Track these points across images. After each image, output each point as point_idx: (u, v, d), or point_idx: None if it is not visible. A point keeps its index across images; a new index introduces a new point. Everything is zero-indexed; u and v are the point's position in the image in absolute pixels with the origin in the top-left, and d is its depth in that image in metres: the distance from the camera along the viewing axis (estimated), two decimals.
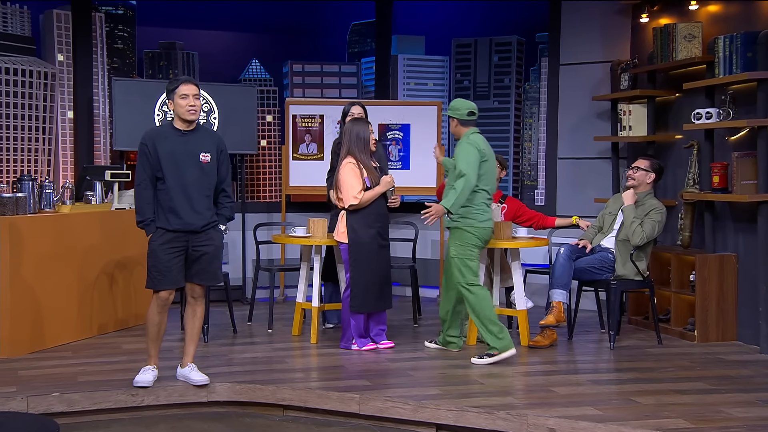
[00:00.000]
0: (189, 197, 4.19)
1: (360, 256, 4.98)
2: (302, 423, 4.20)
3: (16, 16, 6.87)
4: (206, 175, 4.25)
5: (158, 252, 4.18)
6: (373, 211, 5.02)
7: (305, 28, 8.48)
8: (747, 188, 5.14)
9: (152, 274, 4.21)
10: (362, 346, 5.11)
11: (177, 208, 4.17)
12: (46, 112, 6.95)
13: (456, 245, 4.87)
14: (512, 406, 3.93)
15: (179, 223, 4.18)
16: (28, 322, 4.97)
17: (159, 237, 4.19)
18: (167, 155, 4.17)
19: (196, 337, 4.42)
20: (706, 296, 5.43)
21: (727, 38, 5.30)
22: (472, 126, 4.92)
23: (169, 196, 4.17)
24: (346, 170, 4.95)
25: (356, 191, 4.91)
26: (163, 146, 4.17)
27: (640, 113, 6.26)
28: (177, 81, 4.22)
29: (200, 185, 4.23)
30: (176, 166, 4.17)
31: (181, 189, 4.18)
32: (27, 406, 4.02)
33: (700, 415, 3.81)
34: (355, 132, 5.01)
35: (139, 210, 4.21)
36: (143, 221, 4.21)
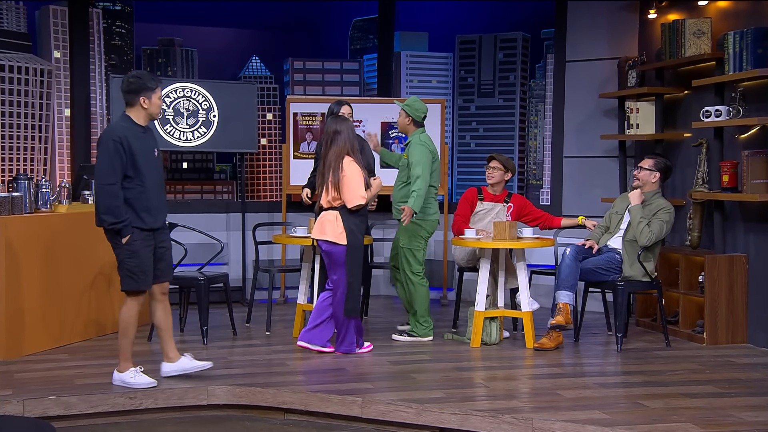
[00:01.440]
0: (159, 194, 4.29)
1: (356, 260, 4.89)
2: (303, 427, 4.16)
3: (12, 12, 6.83)
4: (160, 171, 4.38)
5: (141, 252, 4.19)
6: (364, 212, 4.97)
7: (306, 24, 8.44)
8: (757, 187, 5.09)
9: (136, 275, 4.19)
10: (362, 347, 5.05)
11: (151, 206, 4.20)
12: (43, 110, 6.91)
13: (406, 237, 5.34)
14: (517, 410, 3.89)
15: (154, 222, 4.23)
16: (24, 323, 4.93)
17: (137, 237, 4.18)
18: (140, 152, 4.18)
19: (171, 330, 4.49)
20: (716, 298, 5.37)
21: (737, 34, 5.24)
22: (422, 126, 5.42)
23: (146, 195, 4.18)
24: (351, 169, 4.83)
25: (363, 191, 4.83)
26: (135, 144, 4.17)
27: (648, 111, 6.21)
28: (157, 80, 4.28)
29: (162, 181, 4.37)
30: (148, 164, 4.21)
31: (155, 187, 4.25)
32: (23, 409, 3.98)
33: (709, 419, 3.77)
34: (351, 131, 4.90)
35: (114, 211, 4.11)
36: (121, 222, 4.13)
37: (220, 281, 5.53)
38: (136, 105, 4.21)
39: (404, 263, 5.36)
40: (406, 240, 5.34)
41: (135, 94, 4.19)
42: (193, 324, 5.62)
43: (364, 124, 6.93)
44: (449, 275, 7.16)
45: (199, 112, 6.73)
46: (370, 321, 6.09)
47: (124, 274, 4.20)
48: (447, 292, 7.15)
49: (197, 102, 6.73)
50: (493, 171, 5.67)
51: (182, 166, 8.25)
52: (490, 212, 5.66)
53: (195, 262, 5.86)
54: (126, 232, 4.14)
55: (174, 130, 6.66)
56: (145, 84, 4.20)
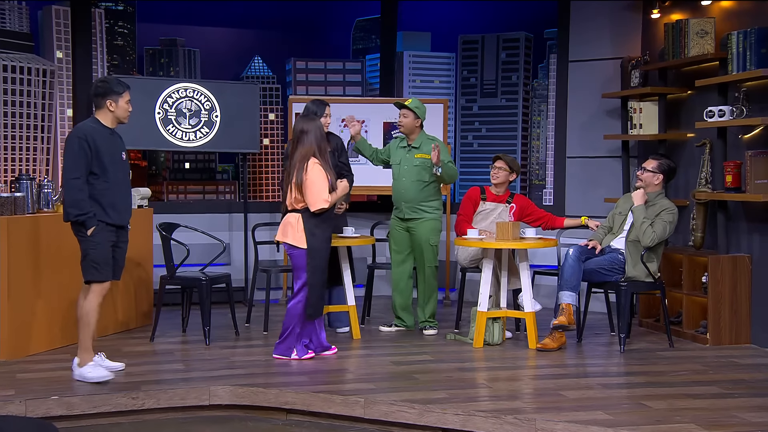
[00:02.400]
0: (125, 193, 4.49)
1: (318, 262, 4.80)
2: (306, 427, 4.15)
3: (15, 12, 6.83)
4: (127, 173, 4.58)
5: (104, 244, 4.37)
6: (329, 214, 4.86)
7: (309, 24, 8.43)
8: (761, 188, 5.07)
9: (100, 266, 4.36)
10: (302, 355, 4.91)
11: (117, 203, 4.39)
12: (45, 110, 6.91)
13: (434, 234, 5.65)
14: (520, 411, 3.88)
15: (119, 219, 4.42)
16: (27, 324, 4.93)
17: (101, 230, 4.35)
18: (106, 152, 4.36)
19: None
20: (719, 298, 5.35)
21: (741, 34, 5.22)
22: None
23: (111, 192, 4.37)
24: (316, 172, 4.71)
25: (326, 194, 4.72)
26: (101, 143, 4.35)
27: (651, 111, 6.19)
28: (123, 85, 4.47)
29: (126, 182, 4.55)
30: (113, 164, 4.39)
31: (120, 186, 4.42)
32: (25, 409, 3.97)
33: (713, 419, 3.76)
34: (319, 131, 4.80)
35: (79, 204, 4.29)
36: (85, 214, 4.31)
37: (222, 281, 5.53)
38: (103, 108, 4.42)
39: (430, 259, 5.61)
40: (436, 238, 5.64)
41: (102, 97, 4.41)
42: (196, 324, 5.62)
43: (367, 124, 6.92)
44: (452, 275, 7.15)
45: (201, 113, 6.72)
46: (372, 322, 6.08)
47: (88, 265, 4.37)
48: (450, 292, 7.14)
49: (199, 102, 6.72)
50: (499, 171, 5.66)
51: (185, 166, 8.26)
52: (493, 212, 5.66)
53: (197, 263, 5.86)
54: (90, 224, 4.31)
55: (176, 130, 6.66)
56: (112, 88, 4.42)
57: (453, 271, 7.11)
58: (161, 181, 8.42)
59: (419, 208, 5.59)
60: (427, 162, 5.50)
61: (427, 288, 5.68)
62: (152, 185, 7.99)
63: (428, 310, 5.71)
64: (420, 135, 5.62)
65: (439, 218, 5.66)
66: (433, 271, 5.65)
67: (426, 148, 5.55)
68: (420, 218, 5.58)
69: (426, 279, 5.67)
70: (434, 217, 5.61)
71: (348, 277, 5.43)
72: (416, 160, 5.60)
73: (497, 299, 5.49)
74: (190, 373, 4.54)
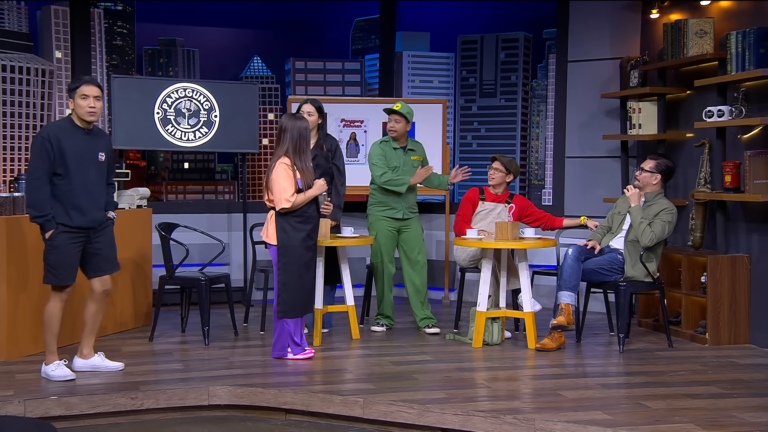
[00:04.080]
0: (92, 194, 4.36)
1: (290, 259, 4.80)
2: (305, 427, 4.15)
3: (13, 12, 6.82)
4: (101, 174, 4.44)
5: (63, 248, 4.30)
6: (304, 213, 4.83)
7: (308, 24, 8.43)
8: (760, 188, 5.07)
9: (57, 271, 4.31)
10: (297, 353, 4.90)
11: (82, 205, 4.31)
12: (44, 109, 6.91)
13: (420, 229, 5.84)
14: (519, 411, 3.88)
15: (84, 221, 4.33)
16: (26, 324, 4.92)
17: (61, 233, 4.29)
18: (72, 153, 4.28)
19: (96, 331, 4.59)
20: (718, 298, 5.35)
21: (740, 34, 5.23)
22: None
23: (74, 194, 4.29)
24: (278, 171, 4.74)
25: (288, 194, 4.72)
26: (67, 144, 4.27)
27: (650, 111, 6.20)
28: (79, 81, 4.36)
29: (98, 183, 4.42)
30: (81, 164, 4.30)
31: (85, 186, 4.32)
32: (24, 409, 3.97)
33: (712, 419, 3.76)
34: (297, 131, 4.80)
35: (38, 205, 4.25)
36: (43, 216, 4.26)
37: (221, 282, 5.53)
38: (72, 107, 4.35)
39: (423, 255, 5.79)
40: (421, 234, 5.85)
41: (69, 96, 4.35)
42: (195, 324, 5.62)
43: (366, 124, 6.92)
44: (451, 275, 7.15)
45: (200, 113, 6.72)
46: (371, 322, 6.08)
47: (45, 267, 4.34)
48: (449, 292, 7.14)
49: (198, 102, 6.72)
50: (495, 172, 5.66)
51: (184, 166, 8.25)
52: (492, 212, 5.66)
53: (196, 263, 5.85)
54: (47, 227, 4.26)
55: (175, 130, 6.65)
56: (69, 86, 4.36)
57: (452, 271, 7.11)
58: (160, 181, 8.42)
59: (414, 209, 5.83)
60: (417, 163, 5.77)
61: (422, 286, 5.75)
62: (151, 185, 8.00)
63: (426, 308, 5.75)
64: (407, 137, 5.80)
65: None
66: (426, 267, 5.79)
67: (419, 151, 5.84)
68: (412, 217, 5.79)
69: (421, 277, 5.74)
70: (418, 215, 5.89)
71: (347, 277, 5.43)
72: (414, 162, 5.76)
73: (496, 299, 5.49)
74: (189, 373, 4.54)
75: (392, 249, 5.76)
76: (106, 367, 4.52)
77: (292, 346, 4.90)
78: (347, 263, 5.45)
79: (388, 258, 5.74)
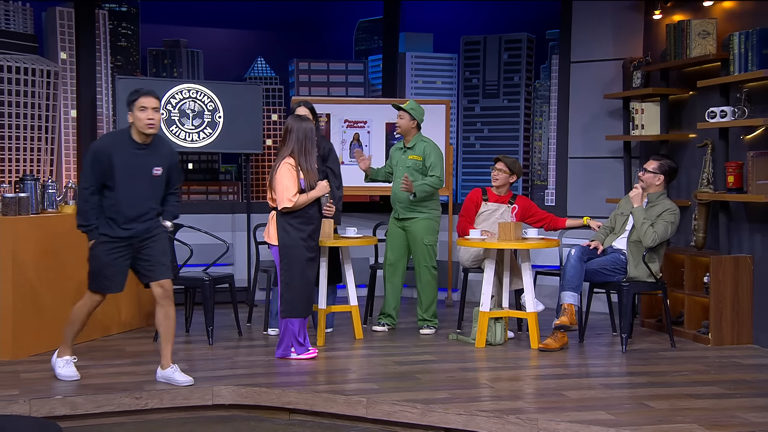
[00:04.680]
0: (137, 209, 4.27)
1: (291, 259, 4.82)
2: (308, 427, 4.16)
3: (19, 13, 6.85)
4: (156, 188, 4.34)
5: (102, 257, 4.27)
6: (305, 213, 4.85)
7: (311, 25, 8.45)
8: (763, 188, 5.08)
9: (98, 279, 4.31)
10: (301, 353, 4.91)
11: (123, 219, 4.25)
12: (49, 110, 6.93)
13: (430, 234, 5.67)
14: (522, 411, 3.89)
15: (125, 233, 4.27)
16: (31, 324, 4.94)
17: (103, 243, 4.27)
18: (122, 167, 4.20)
19: (172, 337, 4.44)
20: (721, 298, 5.36)
21: (743, 35, 5.23)
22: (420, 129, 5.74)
23: (116, 208, 4.24)
24: (282, 171, 4.78)
25: (291, 194, 4.75)
26: (118, 158, 4.19)
27: (653, 112, 6.20)
28: (138, 92, 4.22)
29: (148, 197, 4.32)
30: (129, 179, 4.23)
31: (130, 201, 4.24)
32: (29, 409, 3.99)
33: (714, 420, 3.76)
34: (302, 132, 4.84)
35: (84, 214, 4.23)
36: (87, 226, 4.25)
37: (225, 282, 5.55)
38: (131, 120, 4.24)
39: (427, 259, 5.65)
40: (430, 237, 5.66)
41: (128, 109, 4.22)
42: (199, 324, 5.64)
43: (369, 124, 6.94)
44: (454, 276, 7.17)
45: (204, 113, 6.74)
46: (374, 322, 6.09)
47: (88, 272, 4.34)
48: (452, 292, 7.15)
49: (203, 103, 6.74)
50: (498, 173, 5.67)
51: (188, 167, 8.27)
52: (495, 213, 5.67)
53: (200, 263, 5.87)
54: (90, 237, 4.27)
55: (179, 131, 6.68)
56: (127, 99, 4.23)
57: (455, 271, 7.12)
58: None
59: (413, 208, 5.64)
60: (419, 163, 5.60)
61: (425, 288, 5.69)
62: None
63: (427, 309, 5.72)
64: (416, 136, 5.68)
65: (434, 218, 5.67)
66: (430, 270, 5.67)
67: (419, 150, 5.64)
68: (414, 218, 5.64)
69: (423, 279, 5.68)
70: (428, 216, 5.64)
71: (350, 278, 5.45)
72: (409, 161, 5.66)
73: (499, 299, 5.50)
74: (193, 373, 4.53)
75: (395, 248, 5.73)
76: (176, 380, 4.32)
77: (295, 346, 4.91)
78: (350, 263, 5.46)
79: (390, 256, 5.75)
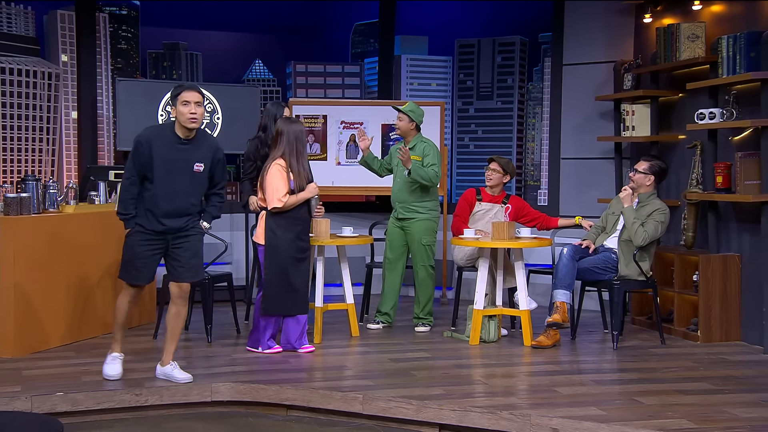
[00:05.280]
0: (175, 204, 4.25)
1: (275, 259, 4.88)
2: (306, 423, 4.20)
3: (20, 16, 6.88)
4: (196, 184, 4.31)
5: (135, 247, 4.28)
6: (294, 215, 4.90)
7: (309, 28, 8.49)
8: (750, 188, 5.13)
9: (128, 268, 4.33)
10: (265, 348, 4.98)
11: (160, 212, 4.24)
12: (50, 112, 6.97)
13: (428, 234, 5.69)
14: (515, 406, 3.93)
15: (160, 227, 4.27)
16: (32, 321, 4.98)
17: (138, 233, 4.29)
18: (162, 161, 4.19)
19: (177, 336, 4.48)
20: (710, 296, 5.42)
21: (731, 38, 5.29)
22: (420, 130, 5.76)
23: (154, 201, 4.23)
24: (273, 172, 4.85)
25: (281, 194, 4.82)
26: (159, 151, 4.18)
27: (644, 113, 6.26)
28: (181, 87, 4.22)
29: (188, 193, 4.29)
30: (168, 174, 4.21)
31: (168, 196, 4.23)
32: (31, 405, 4.02)
33: (703, 415, 3.81)
34: (293, 134, 4.89)
35: (124, 203, 4.27)
36: (125, 215, 4.28)
37: (223, 280, 5.60)
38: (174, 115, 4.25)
39: (425, 259, 5.68)
40: (428, 237, 5.69)
41: (171, 104, 4.25)
42: (198, 322, 5.67)
43: (365, 126, 7.00)
44: (449, 274, 7.22)
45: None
46: (370, 320, 6.15)
47: (121, 262, 4.37)
48: (446, 291, 7.20)
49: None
50: (492, 173, 5.74)
51: None
52: (489, 213, 5.73)
53: None
54: (126, 226, 4.30)
55: None
56: (171, 93, 4.26)
57: (450, 270, 7.18)
58: None
59: (412, 208, 5.68)
60: (418, 163, 5.62)
61: (422, 286, 5.74)
62: None
63: (423, 307, 5.78)
64: (416, 137, 5.72)
65: (432, 218, 5.72)
66: (427, 269, 5.71)
67: (419, 150, 5.66)
68: (413, 218, 5.68)
69: (420, 278, 5.73)
70: (427, 217, 5.68)
71: (347, 276, 5.51)
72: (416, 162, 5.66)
73: (493, 297, 5.56)
74: (192, 370, 4.55)
75: (395, 247, 5.77)
76: (175, 377, 4.34)
77: (262, 341, 4.99)
78: (347, 262, 5.52)
79: (389, 255, 5.79)
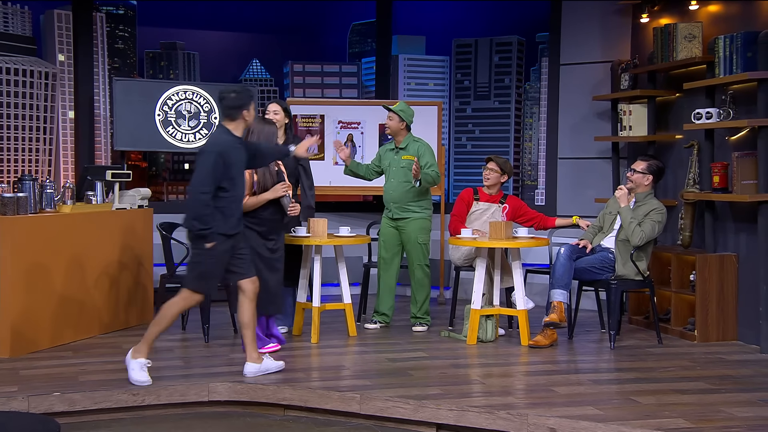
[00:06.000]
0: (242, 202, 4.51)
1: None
2: (303, 423, 4.20)
3: (17, 16, 6.88)
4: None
5: (222, 257, 4.33)
6: (258, 215, 4.87)
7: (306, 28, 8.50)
8: (747, 188, 5.15)
9: (207, 280, 4.34)
10: (262, 347, 4.93)
11: (239, 213, 4.41)
12: (47, 112, 6.97)
13: (423, 234, 5.71)
14: (513, 406, 3.94)
15: (235, 228, 4.39)
16: (29, 321, 4.98)
17: (221, 244, 4.31)
18: (236, 164, 4.36)
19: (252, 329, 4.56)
20: (707, 296, 5.44)
21: (728, 38, 5.31)
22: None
23: (236, 204, 4.38)
24: None
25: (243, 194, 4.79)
26: (232, 156, 4.32)
27: (641, 113, 6.27)
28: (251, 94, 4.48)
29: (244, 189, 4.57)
30: (241, 176, 4.43)
31: (241, 198, 4.47)
32: (28, 405, 4.02)
33: (700, 414, 3.82)
34: (264, 135, 4.87)
35: (203, 218, 4.21)
36: (208, 229, 4.24)
37: None
38: (238, 119, 4.37)
39: (421, 258, 5.70)
40: (424, 236, 5.71)
41: (239, 109, 4.36)
42: (195, 322, 5.67)
43: (362, 125, 7.01)
44: (446, 274, 7.23)
45: (200, 114, 6.80)
46: (368, 320, 6.16)
47: (196, 275, 4.32)
48: (444, 290, 7.21)
49: (198, 104, 6.80)
50: (490, 173, 5.75)
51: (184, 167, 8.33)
52: (486, 212, 5.74)
53: None
54: (211, 239, 4.26)
55: (176, 131, 6.74)
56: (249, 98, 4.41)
57: (447, 269, 7.19)
58: (161, 181, 8.49)
59: (407, 208, 5.69)
60: (407, 162, 5.63)
61: (419, 286, 5.75)
62: (153, 186, 8.07)
63: (420, 307, 5.79)
64: (407, 137, 5.72)
65: (427, 217, 5.73)
66: (423, 269, 5.72)
67: (412, 150, 5.68)
68: (408, 217, 5.68)
69: (417, 277, 5.74)
70: (422, 216, 5.70)
71: (344, 276, 5.51)
72: (402, 162, 5.70)
73: (490, 297, 5.56)
74: (189, 369, 4.59)
75: (389, 246, 5.77)
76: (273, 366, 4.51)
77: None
78: (344, 262, 5.53)
79: (383, 255, 5.81)
